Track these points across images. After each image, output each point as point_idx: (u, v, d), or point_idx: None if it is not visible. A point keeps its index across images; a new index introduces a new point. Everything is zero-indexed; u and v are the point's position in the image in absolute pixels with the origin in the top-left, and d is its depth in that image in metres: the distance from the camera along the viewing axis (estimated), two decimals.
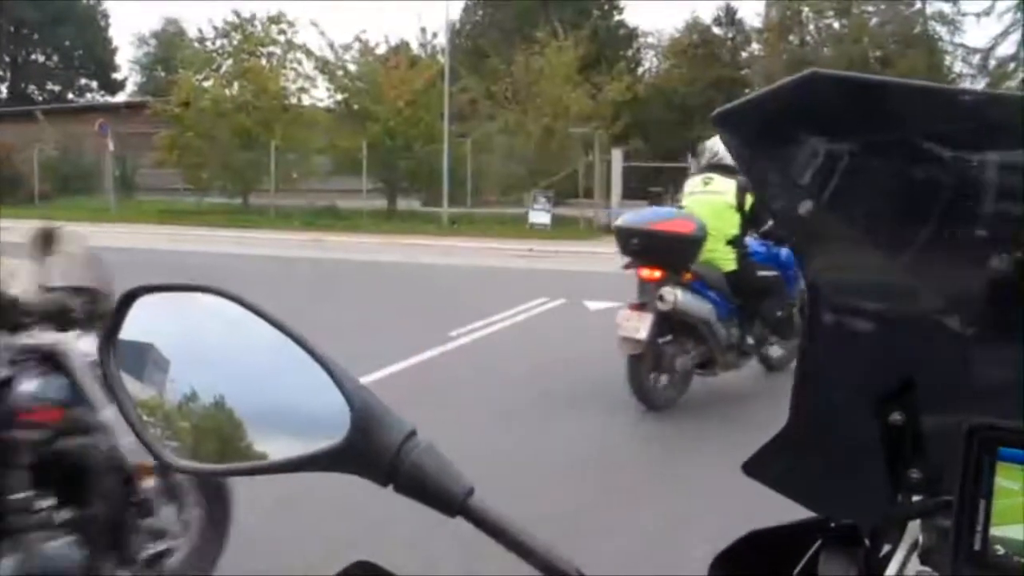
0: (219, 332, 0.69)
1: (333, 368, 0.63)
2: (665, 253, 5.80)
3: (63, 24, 44.91)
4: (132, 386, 0.70)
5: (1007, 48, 33.85)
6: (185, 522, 2.97)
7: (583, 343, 7.77)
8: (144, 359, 0.71)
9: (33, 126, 29.38)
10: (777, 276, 6.31)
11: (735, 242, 6.18)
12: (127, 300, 0.69)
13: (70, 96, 47.20)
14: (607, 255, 17.34)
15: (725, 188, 6.17)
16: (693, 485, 4.58)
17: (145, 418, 0.69)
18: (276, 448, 0.66)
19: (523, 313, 9.91)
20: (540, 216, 22.63)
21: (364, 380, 0.62)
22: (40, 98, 45.27)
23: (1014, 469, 0.65)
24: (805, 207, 0.71)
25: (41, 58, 47.60)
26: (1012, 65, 33.78)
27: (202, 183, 27.39)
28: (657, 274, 5.75)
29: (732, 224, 6.17)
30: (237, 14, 26.96)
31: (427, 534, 3.10)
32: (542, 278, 13.00)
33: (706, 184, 6.32)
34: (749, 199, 5.99)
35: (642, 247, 5.81)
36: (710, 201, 6.18)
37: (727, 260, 6.13)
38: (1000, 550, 0.66)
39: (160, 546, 2.78)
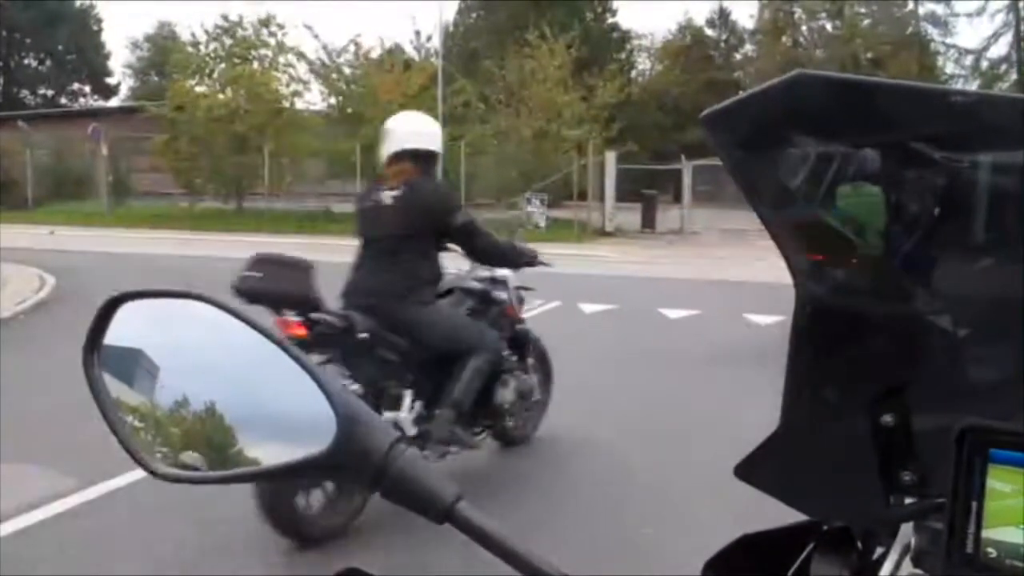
0: (204, 338, 0.69)
1: (318, 374, 0.62)
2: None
3: (56, 28, 44.87)
4: (122, 392, 0.69)
5: (999, 49, 34.05)
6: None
7: (578, 345, 7.76)
8: (134, 365, 0.70)
9: (26, 130, 29.31)
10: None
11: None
12: (111, 306, 0.69)
13: (63, 100, 47.15)
14: (601, 258, 17.43)
15: None
16: None
17: (137, 424, 0.68)
18: (265, 455, 0.65)
19: None
20: (536, 218, 22.64)
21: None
22: (33, 102, 45.20)
23: (1006, 471, 0.65)
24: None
25: (34, 62, 47.55)
26: (1004, 66, 33.96)
27: (196, 187, 27.37)
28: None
29: None
30: (225, 17, 26.95)
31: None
32: (536, 280, 12.99)
33: None
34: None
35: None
36: None
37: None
38: (992, 552, 0.65)
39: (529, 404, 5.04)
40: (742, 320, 9.70)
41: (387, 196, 4.23)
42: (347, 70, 27.25)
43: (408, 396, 4.11)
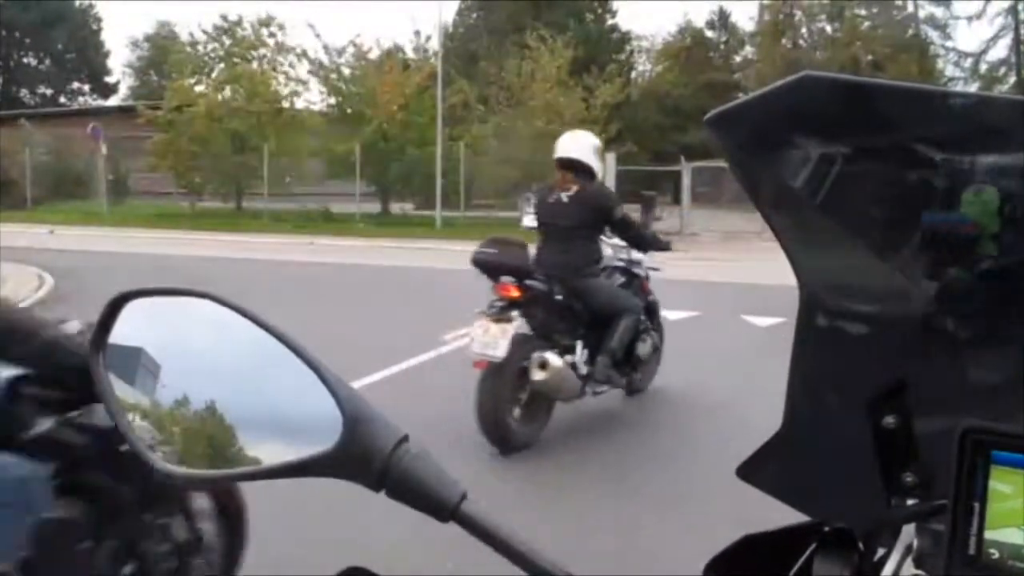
0: (210, 336, 0.69)
1: (324, 373, 0.62)
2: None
3: (55, 27, 44.87)
4: (123, 391, 0.69)
5: (998, 52, 34.09)
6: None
7: None
8: (135, 363, 0.70)
9: (28, 129, 29.30)
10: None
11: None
12: (117, 304, 0.69)
13: (62, 100, 47.13)
14: None
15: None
16: None
17: (138, 422, 0.68)
18: (267, 453, 0.65)
19: None
20: (533, 219, 22.59)
21: (357, 384, 0.62)
22: (32, 102, 45.18)
23: (1008, 472, 0.65)
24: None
25: (33, 61, 47.53)
26: (1003, 69, 33.99)
27: (195, 187, 27.39)
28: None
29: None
30: (225, 18, 26.96)
31: None
32: None
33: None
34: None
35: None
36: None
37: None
38: (995, 554, 0.65)
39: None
40: (741, 321, 9.70)
41: (564, 196, 5.51)
42: (346, 70, 27.25)
43: (579, 345, 5.32)
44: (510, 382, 4.88)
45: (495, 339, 4.81)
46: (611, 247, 6.00)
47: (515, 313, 5.00)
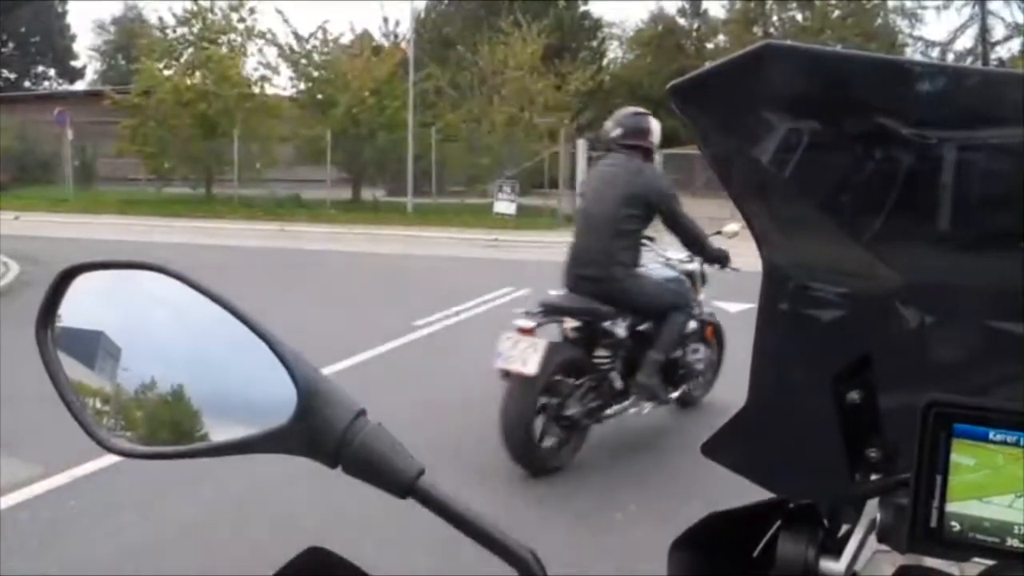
0: (164, 312, 0.67)
1: (279, 347, 0.61)
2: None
3: (19, 9, 43.98)
4: (82, 374, 0.67)
5: (965, 42, 34.44)
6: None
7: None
8: (93, 346, 0.68)
9: None
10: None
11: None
12: (65, 278, 0.67)
13: (27, 84, 46.30)
14: None
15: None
16: None
17: (100, 407, 0.66)
18: (221, 430, 0.64)
19: (487, 303, 9.90)
20: (505, 206, 22.57)
21: (329, 370, 0.60)
22: None
23: (970, 445, 0.65)
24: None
25: None
26: (970, 59, 34.32)
27: (164, 172, 27.04)
28: None
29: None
30: (196, 2, 26.60)
31: None
32: (507, 268, 12.99)
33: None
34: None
35: None
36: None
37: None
38: (956, 526, 0.66)
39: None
40: (713, 307, 9.73)
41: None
42: (316, 56, 27.01)
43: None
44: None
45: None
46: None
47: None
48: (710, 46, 41.79)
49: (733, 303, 9.35)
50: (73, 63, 49.42)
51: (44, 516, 3.92)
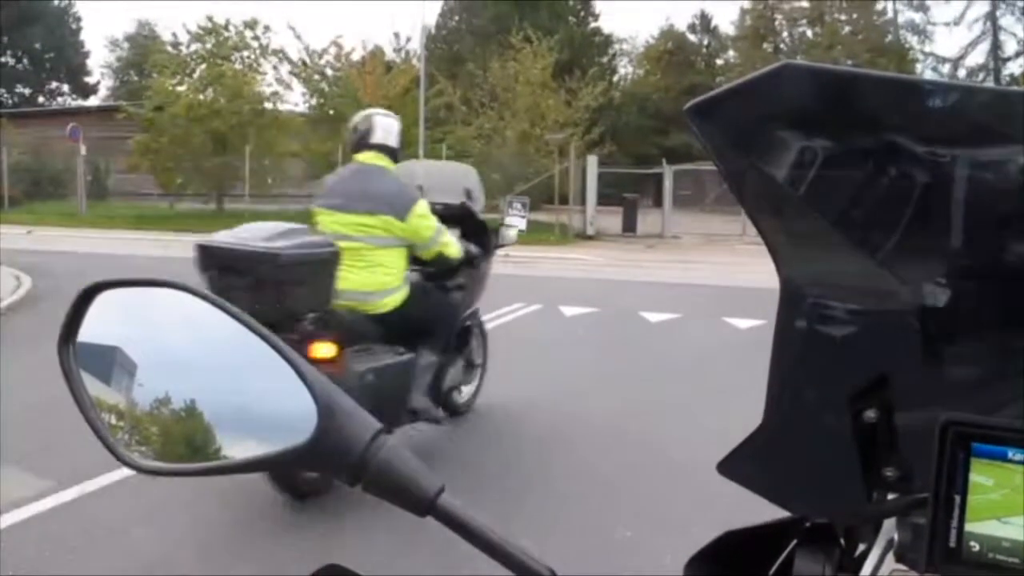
0: (182, 329, 0.67)
1: (299, 365, 0.61)
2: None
3: (33, 26, 44.41)
4: (97, 389, 0.68)
5: (977, 57, 34.45)
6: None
7: (560, 348, 7.76)
8: (110, 362, 0.69)
9: (3, 129, 28.99)
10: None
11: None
12: (86, 296, 0.67)
13: (40, 100, 46.69)
14: (582, 261, 17.44)
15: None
16: None
17: (114, 422, 0.67)
18: (242, 447, 0.64)
19: (499, 318, 9.90)
20: (515, 221, 22.57)
21: None
22: (9, 101, 44.72)
23: (988, 465, 0.65)
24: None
25: (11, 60, 47.03)
26: (981, 75, 34.32)
27: (175, 188, 27.18)
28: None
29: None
30: (210, 19, 26.81)
31: None
32: (518, 283, 13.00)
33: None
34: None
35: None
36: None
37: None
38: (975, 546, 0.65)
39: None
40: (722, 323, 9.74)
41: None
42: (328, 72, 27.16)
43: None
44: None
45: None
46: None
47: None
48: (720, 62, 41.96)
49: (743, 319, 9.35)
50: (87, 79, 49.88)
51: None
